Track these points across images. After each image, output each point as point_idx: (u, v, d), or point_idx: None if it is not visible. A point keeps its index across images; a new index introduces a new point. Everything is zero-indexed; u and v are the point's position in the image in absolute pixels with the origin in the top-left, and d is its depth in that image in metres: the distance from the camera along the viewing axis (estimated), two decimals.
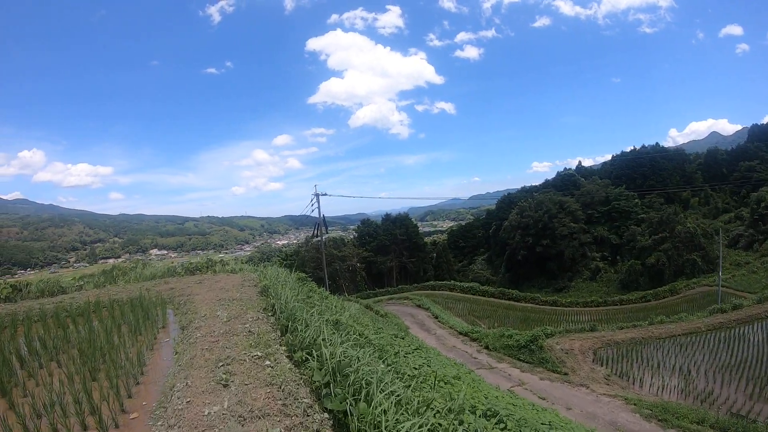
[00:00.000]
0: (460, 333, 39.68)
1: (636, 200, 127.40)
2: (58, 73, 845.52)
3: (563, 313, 63.13)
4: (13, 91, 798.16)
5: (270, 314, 8.33)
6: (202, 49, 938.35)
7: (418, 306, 55.14)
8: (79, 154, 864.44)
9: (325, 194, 46.08)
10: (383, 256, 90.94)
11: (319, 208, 45.51)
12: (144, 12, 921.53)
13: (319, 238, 50.94)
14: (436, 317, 48.07)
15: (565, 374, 28.18)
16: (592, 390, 25.18)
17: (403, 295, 66.48)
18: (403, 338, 18.18)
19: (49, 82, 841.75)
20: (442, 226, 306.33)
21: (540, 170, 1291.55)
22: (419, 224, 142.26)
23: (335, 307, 12.17)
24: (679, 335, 34.93)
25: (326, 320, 8.11)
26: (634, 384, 27.58)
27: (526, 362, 30.74)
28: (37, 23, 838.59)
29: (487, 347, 34.17)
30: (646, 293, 72.89)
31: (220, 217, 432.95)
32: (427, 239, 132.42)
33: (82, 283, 13.56)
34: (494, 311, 61.97)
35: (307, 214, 46.83)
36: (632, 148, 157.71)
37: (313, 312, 7.90)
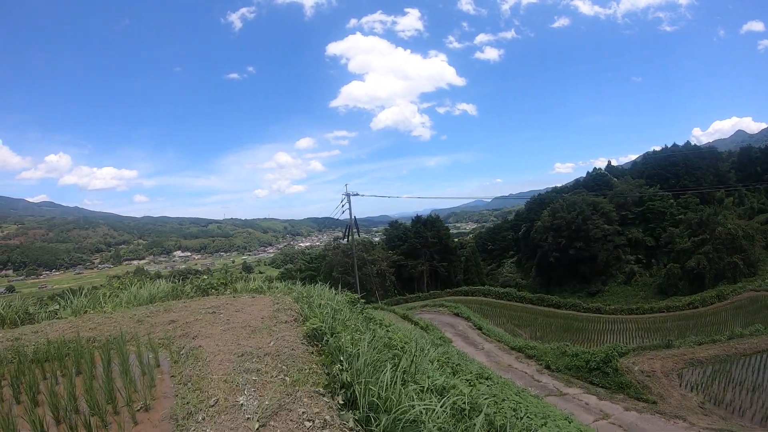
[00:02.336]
0: (512, 348, 35.27)
1: (671, 200, 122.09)
2: (84, 79, 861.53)
3: (607, 322, 58.87)
4: (40, 97, 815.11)
5: (340, 399, 4.62)
6: (224, 55, 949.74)
7: (456, 315, 50.81)
8: (105, 158, 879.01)
9: (357, 194, 42.68)
10: (413, 260, 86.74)
11: (350, 208, 42.02)
12: (167, 20, 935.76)
13: (349, 241, 47.42)
14: (480, 328, 43.67)
15: (654, 403, 24.04)
16: (692, 423, 21.14)
17: (436, 301, 62.26)
18: (489, 378, 14.51)
19: (75, 87, 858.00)
20: (464, 228, 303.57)
21: (563, 171, 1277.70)
22: None
23: (410, 343, 8.54)
24: (765, 351, 30.52)
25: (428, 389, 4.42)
26: (733, 413, 23.39)
27: (602, 387, 26.53)
28: (64, 30, 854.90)
29: (548, 367, 30.01)
30: (693, 299, 67.95)
31: (243, 219, 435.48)
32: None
33: (58, 307, 9.94)
34: (534, 319, 57.92)
35: (337, 215, 43.68)
36: (661, 147, 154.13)
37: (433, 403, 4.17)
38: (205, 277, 11.77)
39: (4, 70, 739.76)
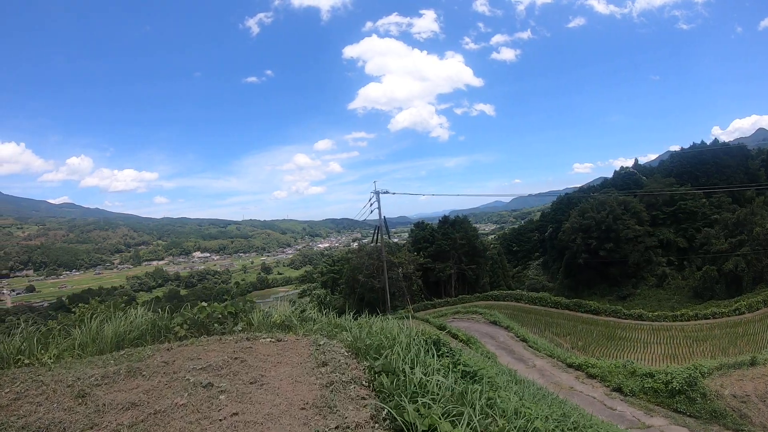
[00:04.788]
0: (569, 366, 31.04)
1: (703, 200, 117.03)
2: (106, 84, 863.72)
3: (651, 329, 55.07)
4: (63, 101, 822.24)
5: None
6: (243, 60, 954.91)
7: (493, 323, 46.66)
8: (126, 160, 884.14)
9: (386, 192, 39.17)
10: (441, 263, 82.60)
11: (379, 207, 38.53)
12: (186, 27, 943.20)
13: (378, 242, 43.98)
14: (525, 340, 39.38)
15: None
16: None
17: (467, 307, 58.33)
18: None
19: (97, 92, 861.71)
20: (484, 229, 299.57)
21: (581, 171, 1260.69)
22: None
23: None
24: None
25: None
26: None
27: (690, 416, 22.35)
28: (85, 37, 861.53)
29: (619, 390, 25.70)
30: (738, 305, 63.71)
31: (262, 220, 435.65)
32: None
33: None
34: (573, 327, 54.21)
35: (365, 215, 40.50)
36: (681, 146, 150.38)
37: None
38: (204, 305, 7.89)
39: (28, 76, 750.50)
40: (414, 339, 6.46)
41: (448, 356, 6.89)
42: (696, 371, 24.22)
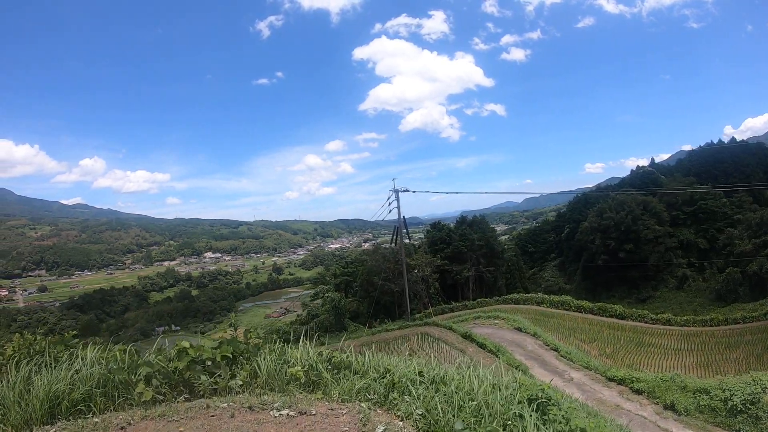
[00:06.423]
0: (610, 379, 28.23)
1: (723, 199, 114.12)
2: (118, 86, 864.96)
3: (681, 335, 52.51)
4: (75, 103, 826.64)
5: None
6: (254, 62, 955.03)
7: (518, 329, 43.91)
8: (138, 162, 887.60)
9: (406, 190, 37.19)
10: (459, 265, 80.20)
11: (398, 207, 36.57)
12: (197, 30, 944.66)
13: (398, 244, 42.03)
14: (555, 349, 36.87)
15: None
16: None
17: (487, 311, 55.75)
18: None
19: (109, 93, 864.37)
20: (495, 230, 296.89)
21: (593, 171, 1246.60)
22: None
23: None
24: None
25: None
26: None
27: None
28: (97, 41, 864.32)
29: (672, 408, 22.78)
30: (766, 308, 61.22)
31: (274, 221, 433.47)
32: None
33: None
34: (598, 332, 51.73)
35: (384, 214, 38.64)
36: (693, 145, 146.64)
37: None
38: (188, 345, 5.29)
39: (42, 78, 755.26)
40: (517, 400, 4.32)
41: (561, 422, 4.77)
42: (757, 386, 21.50)
